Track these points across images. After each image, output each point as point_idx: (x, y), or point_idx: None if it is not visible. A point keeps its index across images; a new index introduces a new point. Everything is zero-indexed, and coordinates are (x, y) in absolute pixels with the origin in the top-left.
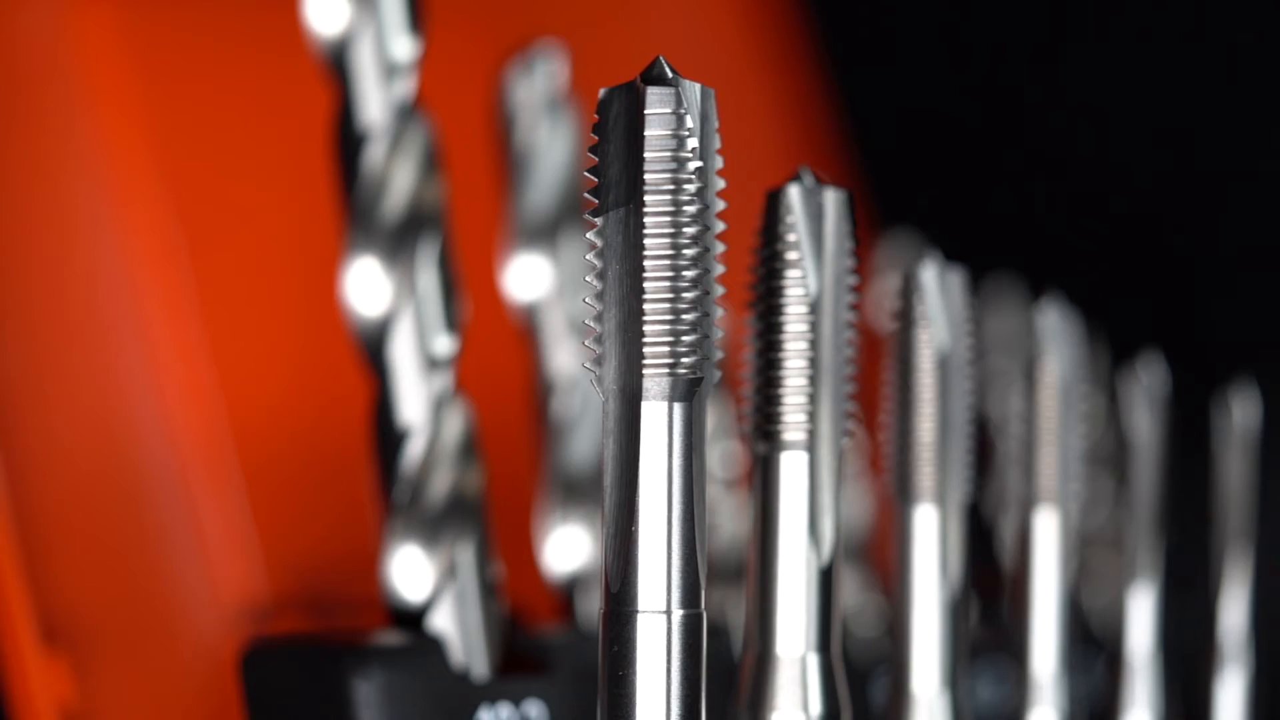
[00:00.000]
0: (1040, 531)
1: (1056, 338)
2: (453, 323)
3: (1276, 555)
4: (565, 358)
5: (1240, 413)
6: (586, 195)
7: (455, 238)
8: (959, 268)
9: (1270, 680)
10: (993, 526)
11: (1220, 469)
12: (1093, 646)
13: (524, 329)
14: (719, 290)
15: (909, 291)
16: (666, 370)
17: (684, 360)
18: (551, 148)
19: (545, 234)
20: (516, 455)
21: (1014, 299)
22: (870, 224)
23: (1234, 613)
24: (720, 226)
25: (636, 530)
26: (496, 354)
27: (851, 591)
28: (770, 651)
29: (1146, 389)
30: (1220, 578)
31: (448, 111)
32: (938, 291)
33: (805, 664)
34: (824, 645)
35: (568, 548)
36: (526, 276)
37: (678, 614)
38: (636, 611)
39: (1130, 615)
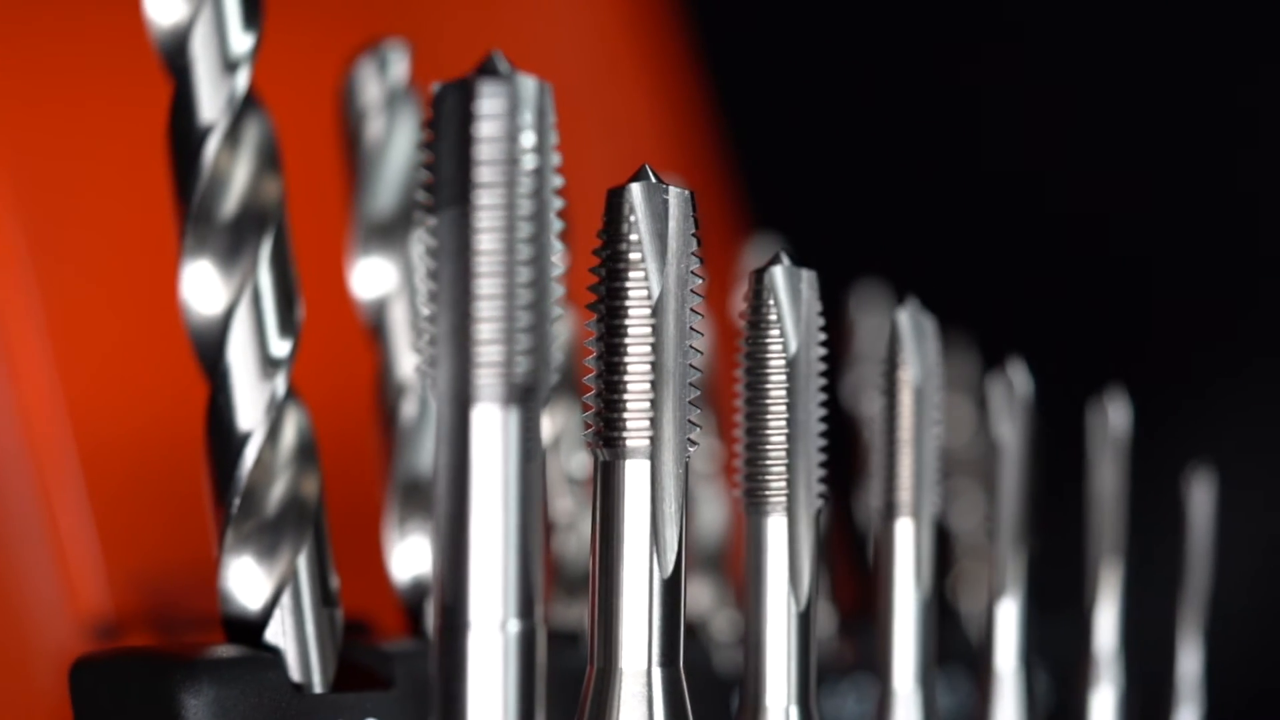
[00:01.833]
0: (898, 541)
1: (914, 342)
2: (290, 324)
3: (1151, 566)
4: (412, 360)
5: (1111, 422)
6: (421, 194)
7: (293, 236)
8: (812, 269)
9: (1141, 695)
10: (867, 536)
11: (1092, 479)
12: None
13: (371, 331)
14: (559, 291)
15: (758, 292)
16: (499, 374)
17: (518, 364)
18: (396, 145)
19: (389, 234)
20: (367, 460)
21: (888, 305)
22: (744, 228)
23: (1106, 627)
24: (559, 225)
25: (468, 541)
26: (348, 356)
27: (708, 602)
28: (614, 665)
29: (1010, 395)
30: (1095, 590)
31: (299, 108)
32: (788, 293)
33: (650, 678)
34: (669, 659)
35: (414, 556)
36: (371, 277)
37: (512, 627)
38: (469, 625)
39: (997, 626)
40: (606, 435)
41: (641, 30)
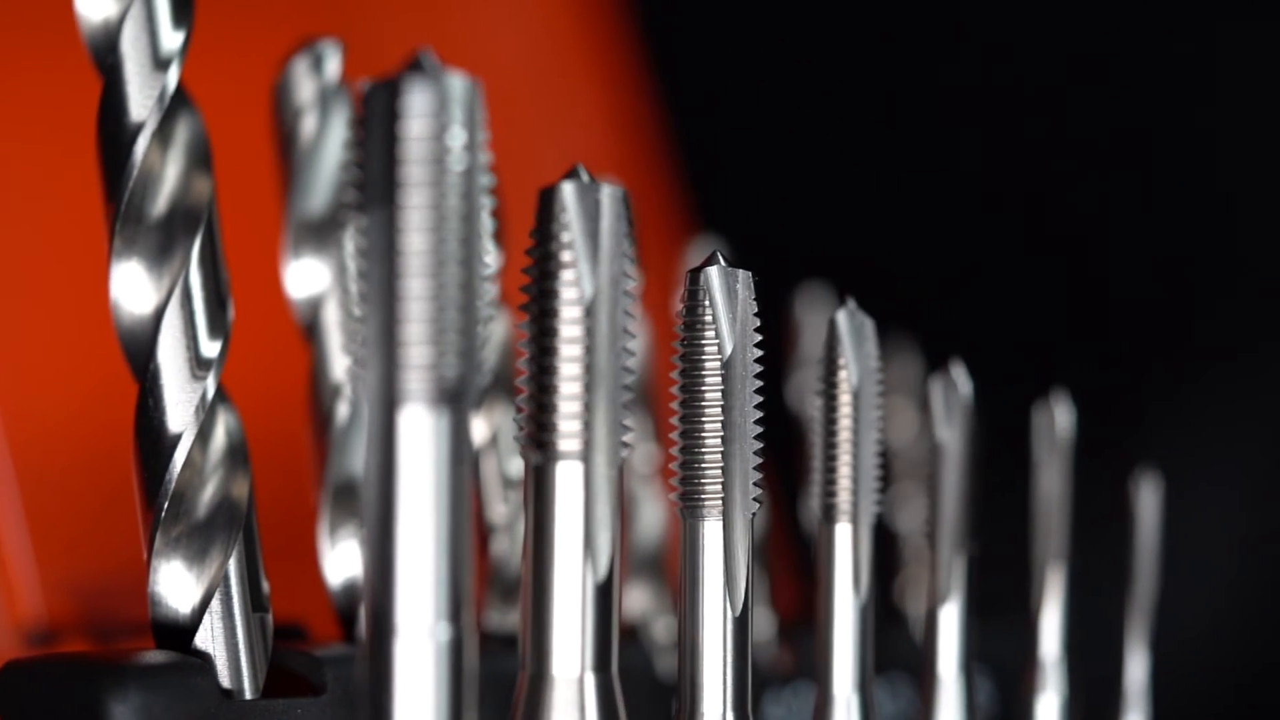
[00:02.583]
0: (837, 545)
1: (852, 343)
2: (221, 324)
3: (1099, 571)
4: (345, 362)
5: (1055, 425)
6: (351, 193)
7: (228, 236)
8: (748, 270)
9: (1087, 701)
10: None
11: (1037, 482)
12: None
13: (305, 332)
14: (492, 292)
15: (693, 293)
16: (427, 376)
17: (447, 365)
18: (330, 145)
19: (323, 234)
20: (304, 463)
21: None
22: (691, 229)
23: (1050, 632)
24: (491, 225)
25: (395, 545)
26: (283, 357)
27: (648, 605)
28: (545, 672)
29: (950, 397)
30: (1040, 595)
31: (235, 106)
32: (723, 293)
33: (582, 685)
34: (602, 665)
35: (347, 560)
36: (304, 277)
37: (441, 633)
38: (396, 632)
39: (938, 631)
40: (538, 438)
41: (589, 31)
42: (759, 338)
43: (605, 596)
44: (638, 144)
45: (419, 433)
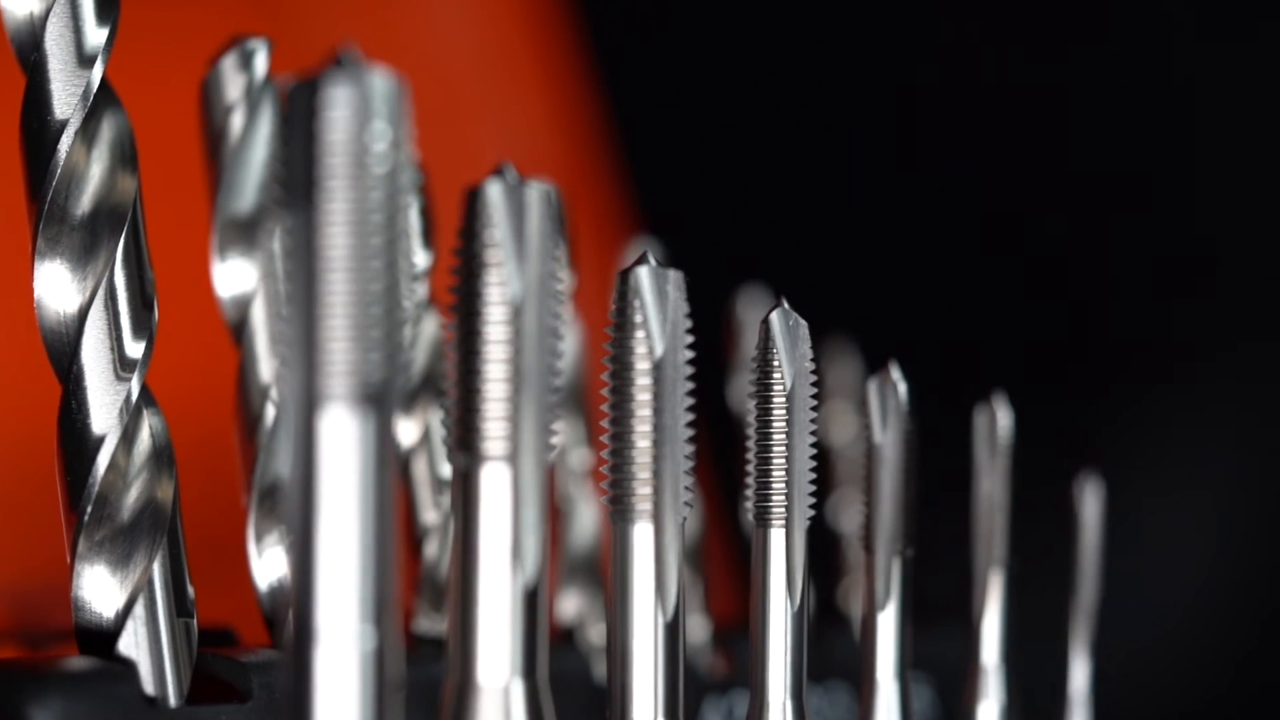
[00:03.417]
0: (771, 549)
1: (786, 344)
2: (145, 325)
3: (1044, 576)
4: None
5: (995, 427)
6: (275, 192)
7: (159, 236)
8: (678, 271)
9: (1028, 708)
10: None
11: (977, 486)
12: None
13: (234, 332)
14: (420, 292)
15: (623, 294)
16: (349, 377)
17: (368, 366)
18: (258, 143)
19: (251, 233)
20: (233, 465)
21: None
22: (635, 230)
23: (990, 637)
24: (419, 224)
25: (316, 549)
26: (214, 358)
27: (584, 609)
28: (471, 679)
29: (887, 399)
30: (981, 600)
31: (165, 104)
32: (653, 294)
33: (509, 693)
34: (530, 671)
35: (274, 564)
36: (232, 277)
37: (364, 639)
38: (318, 639)
39: (876, 636)
40: (464, 440)
41: (532, 31)
42: (691, 339)
43: (533, 602)
44: (581, 144)
45: (340, 434)
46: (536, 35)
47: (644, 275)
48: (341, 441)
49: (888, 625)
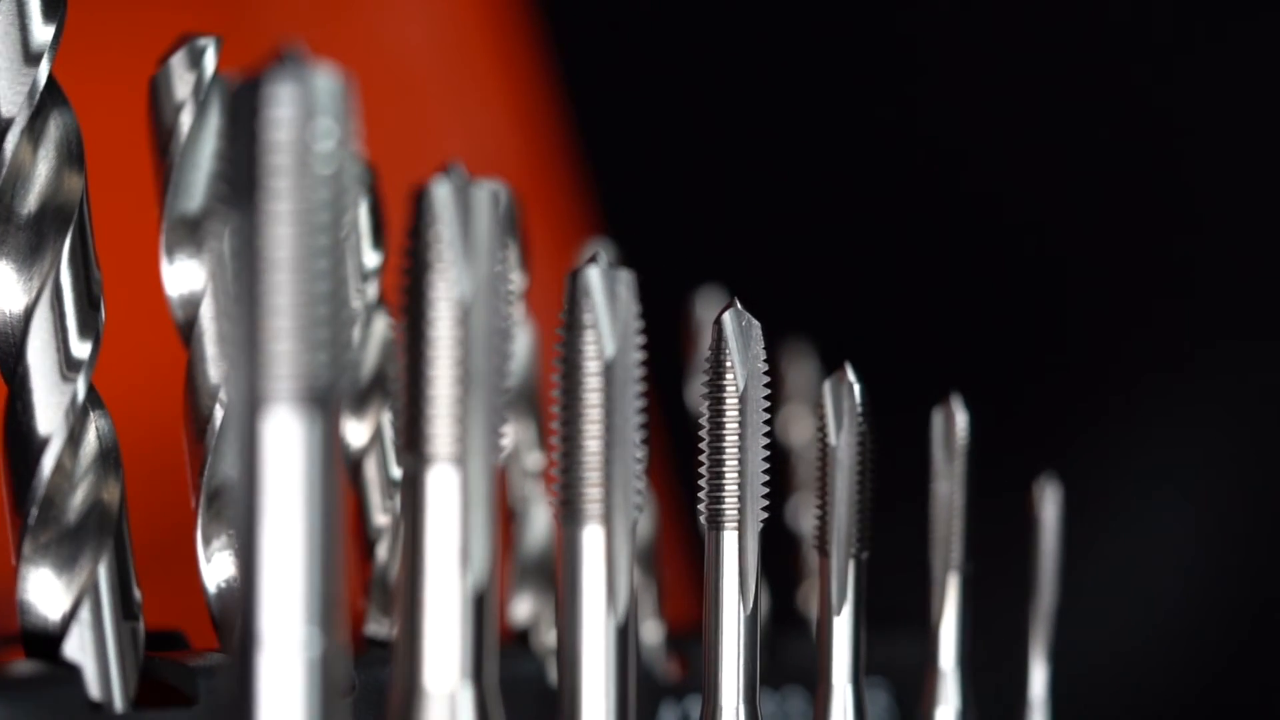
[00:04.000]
0: (724, 552)
1: (738, 345)
2: (92, 325)
3: (1006, 580)
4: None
5: (952, 430)
6: (220, 192)
7: (110, 236)
8: (629, 272)
9: (985, 713)
10: None
11: (934, 490)
12: None
13: (183, 333)
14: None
15: (573, 295)
16: (293, 379)
17: (311, 366)
18: (207, 143)
19: (200, 233)
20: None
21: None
22: (596, 232)
23: (948, 642)
24: (365, 224)
25: (260, 552)
26: (166, 359)
27: (539, 612)
28: (418, 685)
29: (842, 401)
30: (940, 604)
31: (118, 102)
32: (604, 295)
33: (455, 699)
34: (477, 677)
35: (223, 567)
36: (181, 277)
37: (308, 644)
38: (262, 644)
39: (832, 640)
40: (412, 441)
41: (494, 31)
42: (642, 340)
43: (481, 606)
44: (541, 145)
45: (283, 435)
46: (498, 36)
47: (594, 276)
48: (286, 443)
49: (843, 629)
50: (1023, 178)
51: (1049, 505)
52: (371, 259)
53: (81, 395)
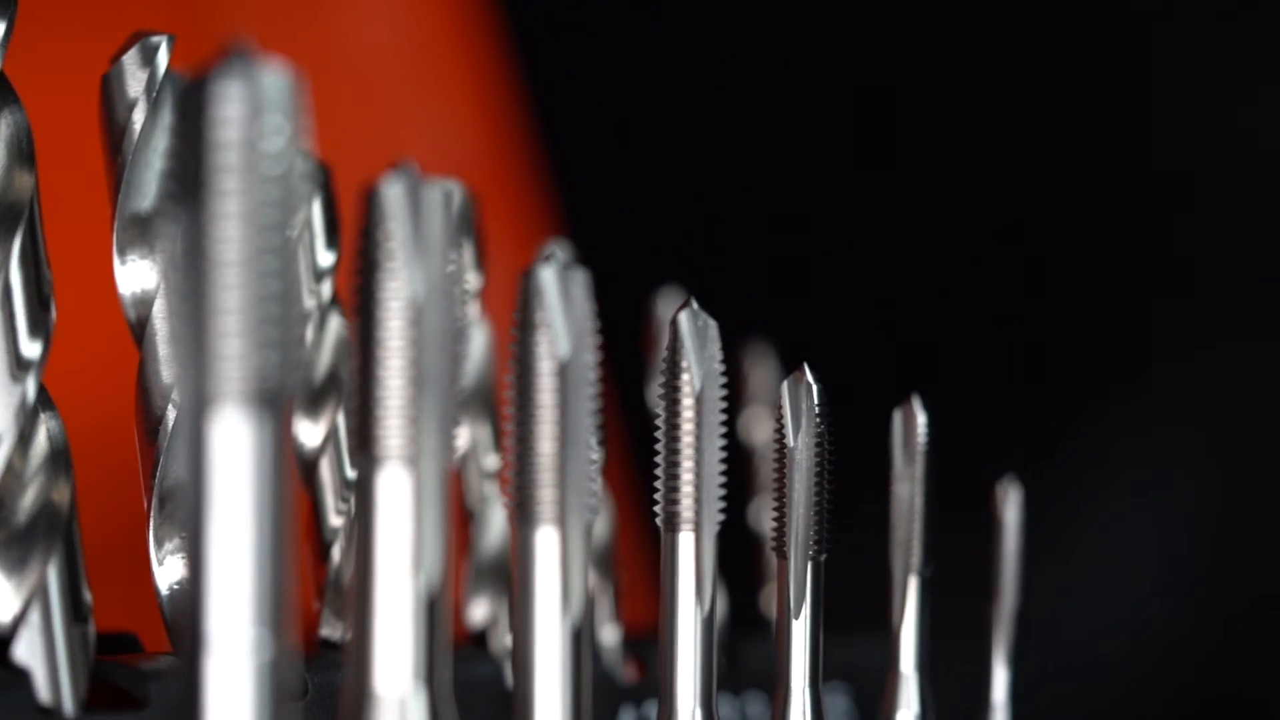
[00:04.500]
0: (680, 554)
1: (695, 345)
2: (42, 324)
3: (968, 583)
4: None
5: (913, 433)
6: (169, 190)
7: (48, 232)
8: (584, 271)
9: (945, 717)
10: None
11: (895, 491)
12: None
13: (136, 332)
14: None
15: (526, 294)
16: (240, 380)
17: (261, 367)
18: (160, 141)
19: (152, 232)
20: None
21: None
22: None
23: (907, 646)
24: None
25: (207, 554)
26: (116, 359)
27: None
28: (369, 689)
29: (800, 402)
30: (901, 607)
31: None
32: (558, 294)
33: (406, 704)
34: (427, 681)
35: (175, 569)
36: (133, 276)
37: (258, 648)
38: (209, 648)
39: (791, 643)
40: (364, 442)
41: (458, 31)
42: (597, 339)
43: (432, 609)
44: (503, 144)
45: (230, 435)
46: (461, 36)
47: (547, 275)
48: (235, 443)
49: (801, 631)
50: (995, 175)
51: (1011, 507)
52: (326, 258)
53: (31, 396)
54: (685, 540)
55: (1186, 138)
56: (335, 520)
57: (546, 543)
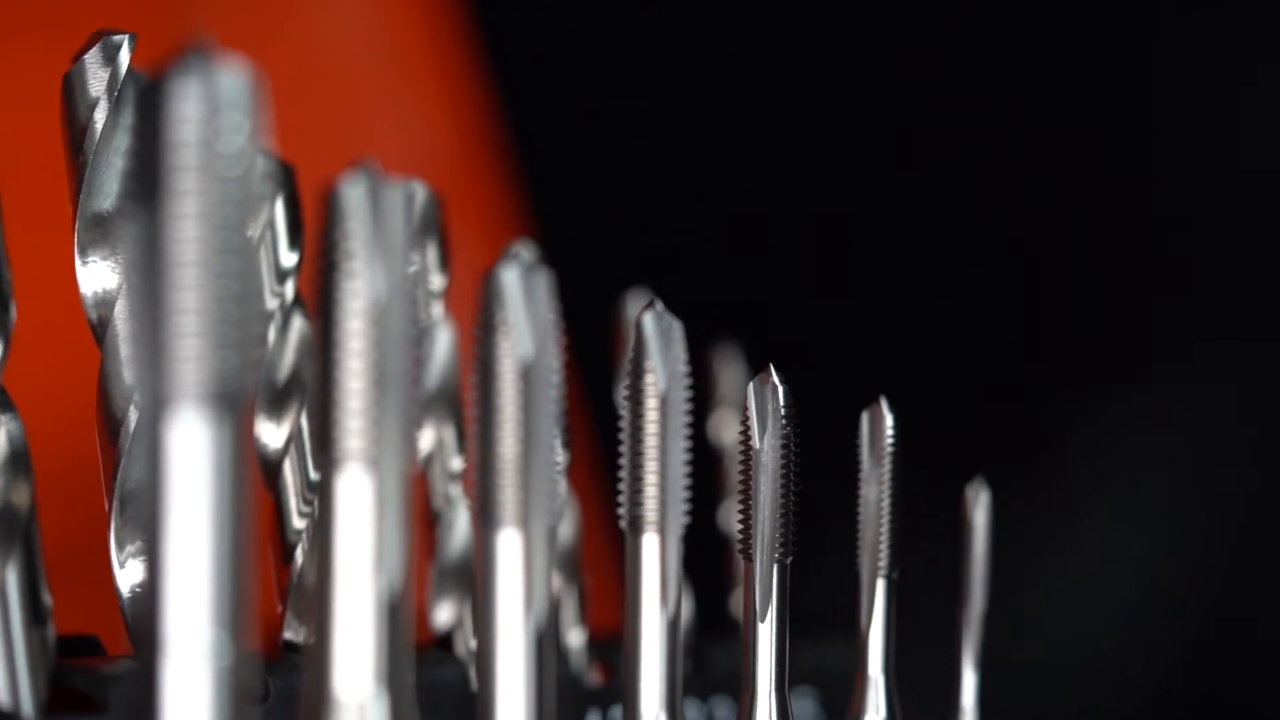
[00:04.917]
0: (644, 557)
1: (659, 346)
2: (1, 325)
3: (938, 586)
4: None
5: (881, 434)
6: (129, 191)
7: (8, 233)
8: (547, 272)
9: None
10: None
11: (862, 494)
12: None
13: (97, 332)
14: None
15: (489, 295)
16: (199, 381)
17: (221, 368)
18: (121, 141)
19: (115, 232)
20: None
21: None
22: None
23: (875, 650)
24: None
25: (166, 557)
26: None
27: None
28: (329, 693)
29: (765, 404)
30: (869, 611)
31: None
32: (520, 295)
33: (366, 709)
34: (388, 686)
35: (136, 571)
36: (94, 276)
37: (216, 652)
38: (167, 651)
39: (757, 647)
40: (325, 443)
41: (428, 32)
42: (561, 341)
43: (393, 613)
44: (473, 144)
45: (188, 436)
46: (432, 36)
47: (509, 276)
48: (193, 445)
49: (766, 635)
50: (970, 175)
51: (980, 510)
52: (289, 258)
53: None
54: (649, 543)
55: (1182, 137)
56: (299, 523)
57: (509, 545)
